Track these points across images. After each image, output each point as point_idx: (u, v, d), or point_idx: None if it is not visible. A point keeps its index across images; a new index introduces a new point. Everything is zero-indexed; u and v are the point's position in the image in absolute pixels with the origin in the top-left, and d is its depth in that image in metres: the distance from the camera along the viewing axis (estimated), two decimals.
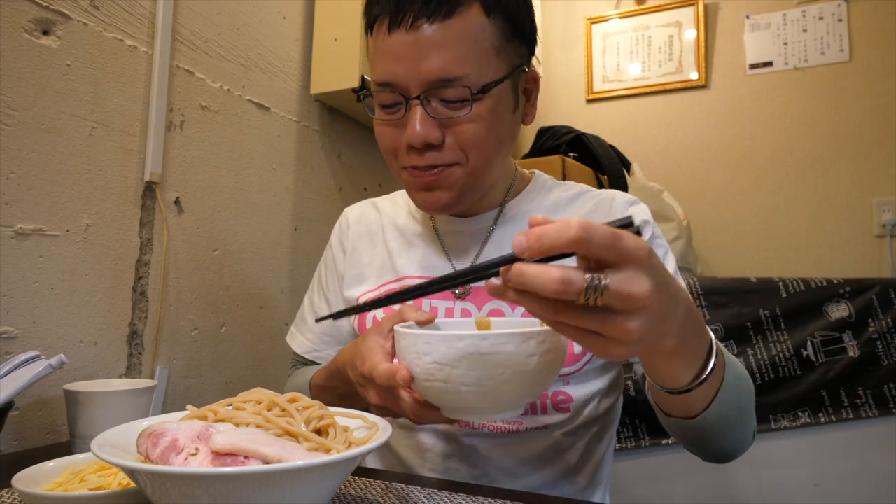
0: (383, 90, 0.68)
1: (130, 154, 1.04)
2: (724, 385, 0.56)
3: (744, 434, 0.65)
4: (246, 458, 0.42)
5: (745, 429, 0.65)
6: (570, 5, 2.58)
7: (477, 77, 0.65)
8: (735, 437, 0.63)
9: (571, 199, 0.82)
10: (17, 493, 0.54)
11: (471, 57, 0.65)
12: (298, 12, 1.47)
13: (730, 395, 0.57)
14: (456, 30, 0.64)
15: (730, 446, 0.65)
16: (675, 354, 0.49)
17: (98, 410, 0.73)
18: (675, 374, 0.52)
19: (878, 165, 2.03)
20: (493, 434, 0.74)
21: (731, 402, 0.58)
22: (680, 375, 0.52)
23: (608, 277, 0.38)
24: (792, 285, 1.47)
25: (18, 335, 0.87)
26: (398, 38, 0.65)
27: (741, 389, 0.61)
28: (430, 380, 0.51)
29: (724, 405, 0.57)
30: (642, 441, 1.43)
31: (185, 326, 1.14)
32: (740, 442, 0.65)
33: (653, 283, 0.38)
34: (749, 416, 0.65)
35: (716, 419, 0.57)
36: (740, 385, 0.60)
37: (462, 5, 0.64)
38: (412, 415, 0.56)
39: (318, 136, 1.54)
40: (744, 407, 0.62)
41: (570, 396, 0.74)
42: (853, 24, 2.11)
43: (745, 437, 0.66)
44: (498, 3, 0.67)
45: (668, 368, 0.51)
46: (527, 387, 0.51)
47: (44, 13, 0.91)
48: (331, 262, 0.91)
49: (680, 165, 2.31)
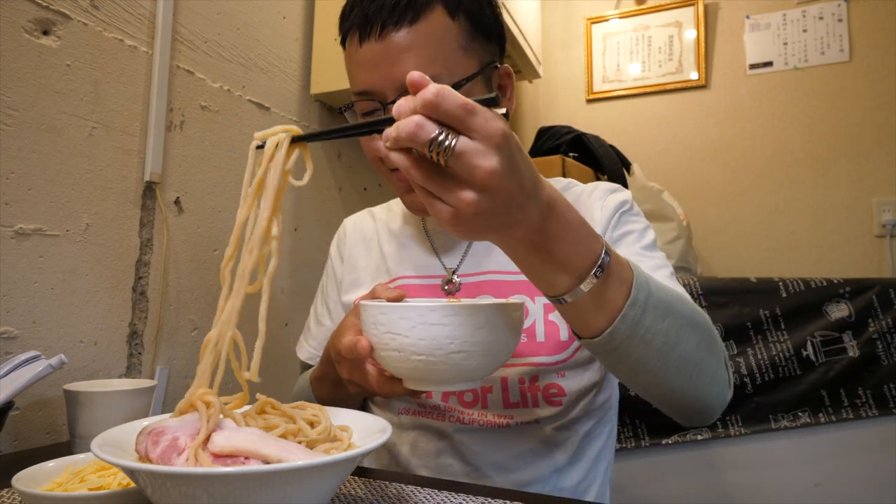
0: (362, 99, 0.72)
1: (130, 154, 1.04)
2: (633, 302, 0.51)
3: (699, 378, 0.58)
4: (246, 459, 0.42)
5: (699, 371, 0.58)
6: (570, 5, 2.58)
7: (448, 77, 0.68)
8: (682, 377, 0.57)
9: None
10: (17, 493, 0.54)
11: (439, 57, 0.68)
12: (298, 12, 1.47)
13: (652, 319, 0.52)
14: (422, 33, 0.68)
15: (679, 390, 0.58)
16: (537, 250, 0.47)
17: (98, 410, 0.73)
18: (550, 277, 0.50)
19: (878, 165, 2.03)
20: (485, 429, 0.75)
21: (655, 328, 0.53)
22: (555, 279, 0.49)
23: (459, 140, 0.39)
24: (792, 285, 1.47)
25: (18, 335, 0.87)
26: (369, 48, 0.69)
27: (679, 318, 0.55)
28: (385, 349, 0.55)
29: (640, 327, 0.52)
30: (642, 441, 1.43)
31: (185, 326, 1.14)
32: (698, 387, 0.59)
33: (500, 164, 0.40)
34: (704, 357, 0.59)
35: (631, 343, 0.52)
36: (676, 313, 0.55)
37: (426, 9, 0.68)
38: (376, 386, 0.60)
39: None
40: (686, 339, 0.56)
41: (562, 390, 0.74)
42: (853, 24, 2.11)
43: (703, 382, 0.59)
44: (460, 4, 0.70)
45: (537, 268, 0.49)
46: (478, 358, 0.53)
47: (44, 13, 0.91)
48: (330, 271, 0.94)
49: (680, 165, 2.31)
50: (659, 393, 0.60)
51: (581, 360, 0.75)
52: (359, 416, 0.55)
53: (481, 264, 0.80)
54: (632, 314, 0.51)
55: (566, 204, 0.48)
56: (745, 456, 1.42)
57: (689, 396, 0.60)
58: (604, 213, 0.79)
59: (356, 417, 0.55)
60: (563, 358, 0.74)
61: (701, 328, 0.59)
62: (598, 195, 0.81)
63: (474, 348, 0.52)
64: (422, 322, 0.52)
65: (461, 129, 0.40)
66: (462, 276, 0.80)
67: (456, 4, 0.70)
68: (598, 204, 0.80)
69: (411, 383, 0.58)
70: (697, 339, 0.58)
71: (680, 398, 0.60)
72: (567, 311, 0.53)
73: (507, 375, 0.74)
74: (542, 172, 0.59)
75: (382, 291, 0.63)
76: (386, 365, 0.57)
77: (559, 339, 0.74)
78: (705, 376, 0.60)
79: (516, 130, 2.68)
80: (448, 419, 0.76)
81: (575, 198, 0.83)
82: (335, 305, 0.91)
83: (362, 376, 0.61)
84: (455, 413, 0.76)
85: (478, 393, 0.75)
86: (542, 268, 0.49)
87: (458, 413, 0.76)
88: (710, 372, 0.60)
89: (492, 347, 0.54)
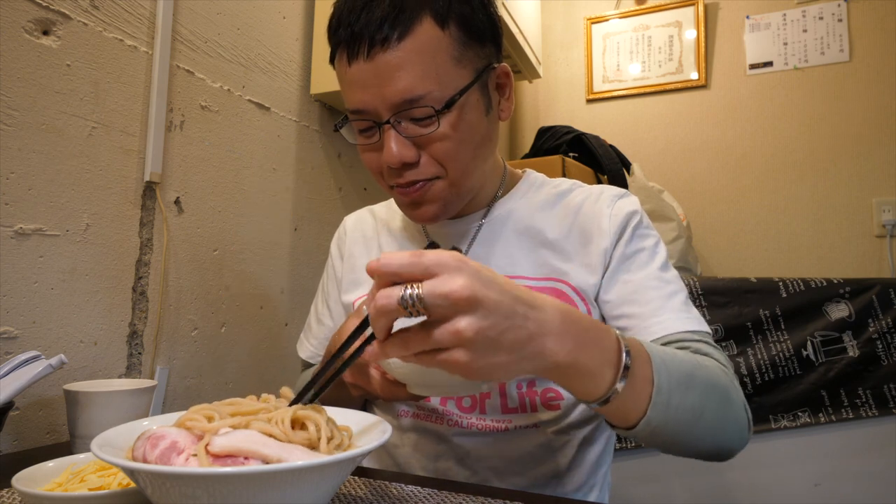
0: (357, 118, 0.70)
1: (130, 154, 1.05)
2: (658, 388, 0.53)
3: (722, 432, 0.62)
4: (246, 459, 0.42)
5: (723, 426, 0.62)
6: (570, 5, 2.58)
7: (441, 91, 0.65)
8: (709, 437, 0.61)
9: (561, 196, 0.82)
10: (17, 493, 0.54)
11: (431, 73, 0.65)
12: (298, 12, 1.47)
13: (676, 398, 0.55)
14: (411, 49, 0.64)
15: (707, 447, 0.62)
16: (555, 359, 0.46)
17: (98, 410, 0.73)
18: (583, 385, 0.50)
19: (878, 165, 2.04)
20: (484, 433, 0.74)
21: (681, 405, 0.56)
22: (588, 388, 0.51)
23: (423, 284, 0.41)
24: (792, 285, 1.47)
25: (18, 335, 0.87)
26: (358, 68, 0.66)
27: (698, 388, 0.58)
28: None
29: (669, 409, 0.55)
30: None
31: (185, 326, 1.14)
32: (721, 440, 0.62)
33: (468, 279, 0.41)
34: (725, 413, 0.62)
35: (664, 425, 0.55)
36: (695, 384, 0.58)
37: (414, 22, 0.65)
38: (380, 390, 0.60)
39: (318, 136, 1.54)
40: (708, 406, 0.59)
41: (560, 394, 0.74)
42: (853, 24, 2.11)
43: (726, 434, 0.63)
44: (450, 12, 0.67)
45: (570, 380, 0.50)
46: None
47: (44, 13, 0.91)
48: (330, 270, 0.94)
49: (680, 165, 2.32)
50: (688, 452, 0.63)
51: None
52: (359, 417, 0.55)
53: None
54: (659, 400, 0.54)
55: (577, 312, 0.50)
56: (745, 456, 1.41)
57: (716, 448, 0.63)
58: (612, 222, 0.76)
59: (356, 418, 0.55)
60: None
61: (720, 388, 0.61)
62: (606, 202, 0.78)
63: None
64: None
65: (420, 275, 0.41)
66: None
67: (445, 13, 0.66)
68: (607, 212, 0.77)
69: (415, 388, 0.57)
70: (718, 398, 0.61)
71: (706, 451, 0.63)
72: (607, 411, 0.54)
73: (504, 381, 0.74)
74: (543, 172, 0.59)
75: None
76: (389, 370, 0.57)
77: None
78: (728, 429, 0.63)
79: (516, 130, 2.68)
80: (447, 423, 0.76)
81: (580, 201, 0.80)
82: (335, 304, 0.90)
83: (366, 380, 0.61)
84: (454, 417, 0.76)
85: (476, 398, 0.75)
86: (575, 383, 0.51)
87: (456, 417, 0.76)
88: (732, 422, 0.63)
89: None
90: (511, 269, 0.77)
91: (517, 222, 0.80)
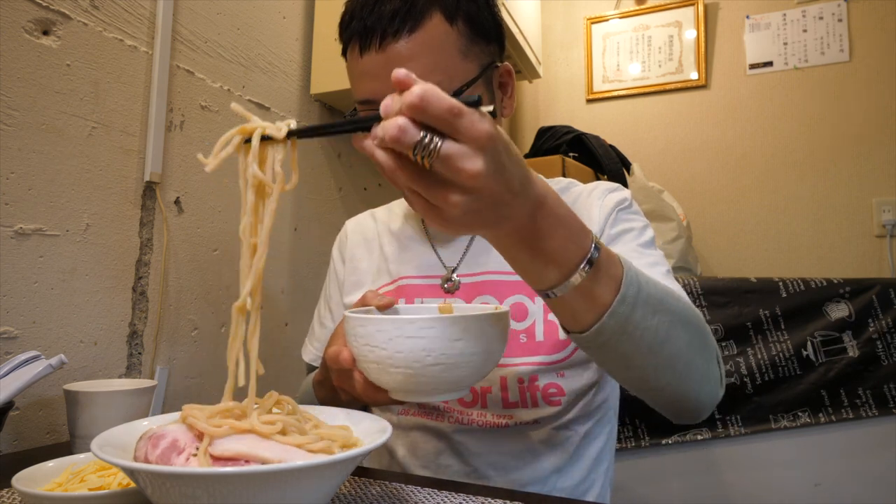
0: (365, 108, 0.73)
1: (130, 154, 1.04)
2: (622, 296, 0.50)
3: (689, 375, 0.58)
4: (246, 462, 0.42)
5: (690, 369, 0.58)
6: (570, 5, 2.58)
7: (448, 83, 0.68)
8: (672, 375, 0.57)
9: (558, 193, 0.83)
10: (17, 493, 0.54)
11: (440, 65, 0.69)
12: (298, 12, 1.47)
13: (641, 315, 0.52)
14: (422, 41, 0.68)
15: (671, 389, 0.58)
16: (526, 246, 0.47)
17: (98, 410, 0.73)
18: (539, 271, 0.49)
19: (878, 165, 2.04)
20: (484, 429, 0.75)
21: (644, 324, 0.52)
22: (544, 274, 0.49)
23: (444, 143, 0.39)
24: (792, 285, 1.47)
25: (18, 335, 0.87)
26: (370, 59, 0.70)
27: (669, 314, 0.55)
28: (364, 361, 0.55)
29: (630, 323, 0.51)
30: (642, 441, 1.43)
31: (185, 326, 1.14)
32: (687, 386, 0.58)
33: (486, 166, 0.39)
34: (695, 355, 0.58)
35: (620, 339, 0.52)
36: (666, 308, 0.55)
37: (424, 17, 0.68)
38: (363, 395, 0.60)
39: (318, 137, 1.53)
40: (676, 336, 0.55)
41: (561, 389, 0.74)
42: (853, 24, 2.11)
43: (693, 379, 0.59)
44: (458, 9, 0.70)
45: (526, 263, 0.49)
46: (458, 369, 0.53)
47: (44, 13, 0.91)
48: (332, 273, 0.95)
49: (680, 165, 2.32)
50: (647, 388, 0.59)
51: (580, 359, 0.75)
52: (359, 417, 0.55)
53: (481, 264, 0.80)
54: (621, 310, 0.51)
55: (557, 199, 0.48)
56: (745, 456, 1.42)
57: (679, 394, 0.59)
58: (602, 211, 0.79)
59: (356, 417, 0.55)
60: (562, 357, 0.74)
61: (692, 325, 0.58)
62: (598, 195, 0.81)
63: (452, 360, 0.52)
64: (398, 335, 0.51)
65: (447, 131, 0.39)
66: (462, 275, 0.80)
67: (454, 10, 0.70)
68: (598, 203, 0.80)
69: (395, 394, 0.57)
70: (688, 337, 0.57)
71: (669, 395, 0.59)
72: (556, 306, 0.52)
73: (506, 375, 0.74)
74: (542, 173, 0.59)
75: (372, 299, 0.63)
76: (368, 376, 0.57)
77: (558, 339, 0.74)
78: (696, 374, 0.59)
79: (516, 130, 2.68)
80: (447, 420, 0.76)
81: (574, 198, 0.83)
82: (337, 307, 0.91)
83: (350, 384, 0.61)
84: (454, 414, 0.76)
85: (477, 393, 0.75)
86: (530, 263, 0.49)
87: (457, 414, 0.76)
88: (701, 370, 0.60)
89: (472, 359, 0.53)
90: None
91: None
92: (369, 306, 0.63)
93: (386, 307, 0.62)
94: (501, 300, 0.77)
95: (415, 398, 0.57)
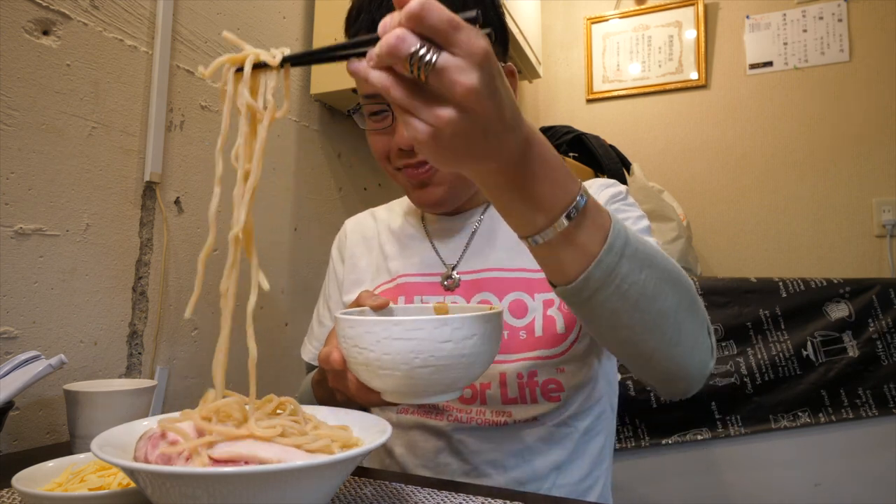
0: (370, 102, 0.74)
1: (130, 154, 1.04)
2: (609, 246, 0.50)
3: (678, 339, 0.56)
4: (245, 463, 0.42)
5: (679, 334, 0.56)
6: (570, 5, 2.58)
7: None
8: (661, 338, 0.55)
9: None
10: (17, 493, 0.54)
11: None
12: (298, 12, 1.47)
13: (629, 268, 0.51)
14: None
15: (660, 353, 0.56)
16: (514, 186, 0.47)
17: (98, 410, 0.73)
18: (525, 215, 0.49)
19: (878, 165, 2.04)
20: (483, 427, 0.75)
21: (632, 278, 0.51)
22: (530, 218, 0.49)
23: (441, 55, 0.39)
24: (792, 285, 1.47)
25: (18, 335, 0.87)
26: None
27: (658, 272, 0.53)
28: (353, 363, 0.55)
29: (617, 275, 0.50)
30: (642, 441, 1.43)
31: (185, 326, 1.14)
32: (676, 351, 0.57)
33: (480, 82, 0.39)
34: (685, 317, 0.56)
35: (607, 292, 0.51)
36: (655, 265, 0.53)
37: None
38: (357, 396, 0.60)
39: (318, 137, 1.53)
40: (665, 295, 0.54)
41: (560, 385, 0.74)
42: (853, 24, 2.11)
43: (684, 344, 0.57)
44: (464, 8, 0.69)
45: (512, 205, 0.49)
46: (447, 371, 0.52)
47: (44, 13, 0.91)
48: (332, 273, 0.95)
49: (680, 165, 2.32)
50: (636, 353, 0.58)
51: (578, 353, 0.75)
52: (359, 416, 0.55)
53: (481, 261, 0.80)
54: (608, 260, 0.50)
55: (546, 143, 0.48)
56: (745, 456, 1.42)
57: (668, 360, 0.57)
58: None
59: (356, 417, 0.55)
60: (560, 351, 0.74)
61: (681, 287, 0.57)
62: (594, 191, 0.81)
63: (442, 362, 0.51)
64: (385, 336, 0.51)
65: (444, 44, 0.39)
66: (462, 272, 0.80)
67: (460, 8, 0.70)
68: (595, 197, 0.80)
69: (386, 395, 0.57)
70: (678, 298, 0.55)
71: (658, 361, 0.57)
72: (542, 255, 0.52)
73: (505, 371, 0.74)
74: None
75: (367, 299, 0.63)
76: (359, 377, 0.57)
77: (556, 332, 0.74)
78: (686, 338, 0.57)
79: None
80: (446, 418, 0.76)
81: None
82: (336, 306, 0.91)
83: (344, 385, 0.61)
84: (453, 412, 0.76)
85: (476, 389, 0.75)
86: (517, 205, 0.49)
87: (456, 412, 0.76)
88: (691, 335, 0.58)
89: (461, 360, 0.52)
90: (510, 262, 0.78)
91: None
92: (364, 307, 0.63)
93: (380, 308, 0.62)
94: (501, 297, 0.77)
95: (406, 400, 0.56)
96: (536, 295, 0.76)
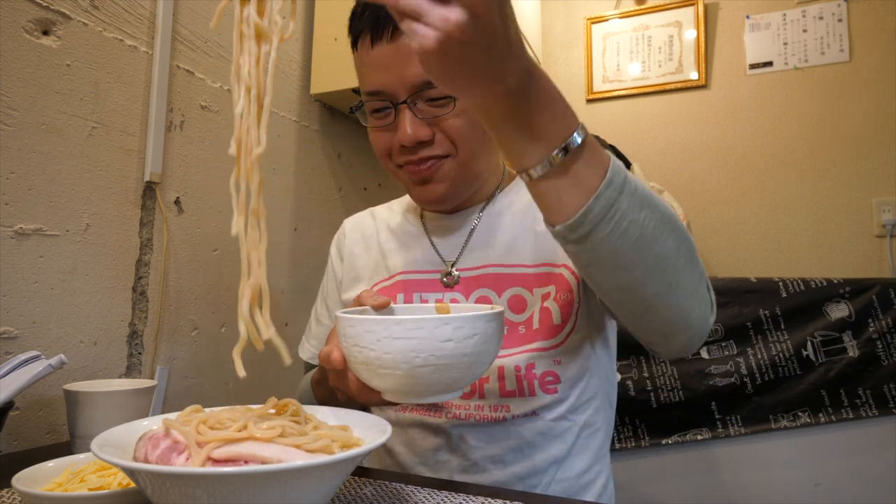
0: (373, 99, 0.74)
1: (130, 154, 1.04)
2: (609, 182, 0.49)
3: (678, 286, 0.55)
4: (246, 463, 0.42)
5: (679, 280, 0.56)
6: (570, 5, 2.58)
7: None
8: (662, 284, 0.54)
9: None
10: (17, 493, 0.54)
11: None
12: (298, 12, 1.47)
13: (628, 205, 0.50)
14: None
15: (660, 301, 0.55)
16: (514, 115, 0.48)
17: (98, 410, 0.73)
18: (523, 146, 0.49)
19: (878, 165, 2.03)
20: (481, 423, 0.75)
21: (632, 216, 0.50)
22: (529, 149, 0.49)
23: None
24: (792, 285, 1.47)
25: (18, 335, 0.87)
26: (381, 50, 0.71)
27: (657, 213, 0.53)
28: (354, 362, 0.55)
29: (616, 211, 0.50)
30: (642, 441, 1.43)
31: (185, 326, 1.14)
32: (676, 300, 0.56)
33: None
34: (684, 263, 0.56)
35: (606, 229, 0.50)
36: (653, 206, 0.53)
37: None
38: (357, 395, 0.60)
39: (318, 137, 1.53)
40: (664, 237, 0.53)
41: (557, 377, 0.75)
42: (853, 24, 2.11)
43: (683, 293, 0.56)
44: None
45: (512, 135, 0.49)
46: (448, 371, 0.52)
47: (44, 13, 0.91)
48: (330, 272, 0.95)
49: (680, 165, 2.31)
50: (636, 299, 0.56)
51: (574, 344, 0.75)
52: (359, 416, 0.55)
53: (480, 258, 0.80)
54: (607, 194, 0.49)
55: (546, 76, 0.49)
56: (745, 456, 1.42)
57: (668, 308, 0.56)
58: None
59: (356, 417, 0.55)
60: (557, 342, 0.74)
61: (680, 233, 0.56)
62: None
63: (443, 362, 0.51)
64: (386, 335, 0.51)
65: None
66: (461, 269, 0.80)
67: None
68: None
69: (386, 395, 0.57)
70: (677, 243, 0.55)
71: (658, 309, 0.57)
72: (540, 189, 0.51)
73: (503, 365, 0.74)
74: None
75: (368, 298, 0.63)
76: (360, 377, 0.57)
77: (552, 324, 0.75)
78: (685, 287, 0.56)
79: None
80: (445, 415, 0.77)
81: None
82: (335, 305, 0.91)
83: (345, 384, 0.61)
84: (452, 409, 0.76)
85: (475, 383, 0.75)
86: (516, 135, 0.49)
87: (454, 408, 0.76)
88: (691, 283, 0.57)
89: (462, 360, 0.52)
90: (509, 258, 0.79)
91: (515, 214, 0.82)
92: (365, 306, 0.63)
93: (381, 307, 0.62)
94: (500, 293, 0.77)
95: (407, 399, 0.56)
96: (535, 290, 0.76)
